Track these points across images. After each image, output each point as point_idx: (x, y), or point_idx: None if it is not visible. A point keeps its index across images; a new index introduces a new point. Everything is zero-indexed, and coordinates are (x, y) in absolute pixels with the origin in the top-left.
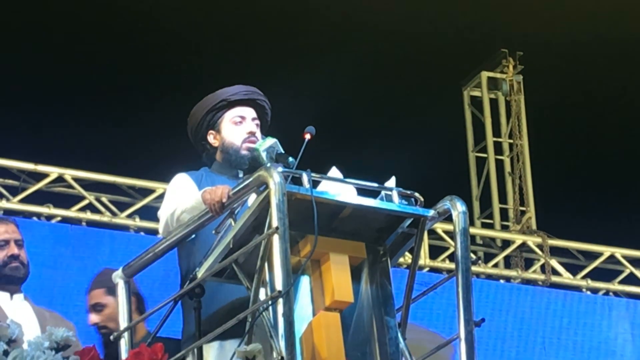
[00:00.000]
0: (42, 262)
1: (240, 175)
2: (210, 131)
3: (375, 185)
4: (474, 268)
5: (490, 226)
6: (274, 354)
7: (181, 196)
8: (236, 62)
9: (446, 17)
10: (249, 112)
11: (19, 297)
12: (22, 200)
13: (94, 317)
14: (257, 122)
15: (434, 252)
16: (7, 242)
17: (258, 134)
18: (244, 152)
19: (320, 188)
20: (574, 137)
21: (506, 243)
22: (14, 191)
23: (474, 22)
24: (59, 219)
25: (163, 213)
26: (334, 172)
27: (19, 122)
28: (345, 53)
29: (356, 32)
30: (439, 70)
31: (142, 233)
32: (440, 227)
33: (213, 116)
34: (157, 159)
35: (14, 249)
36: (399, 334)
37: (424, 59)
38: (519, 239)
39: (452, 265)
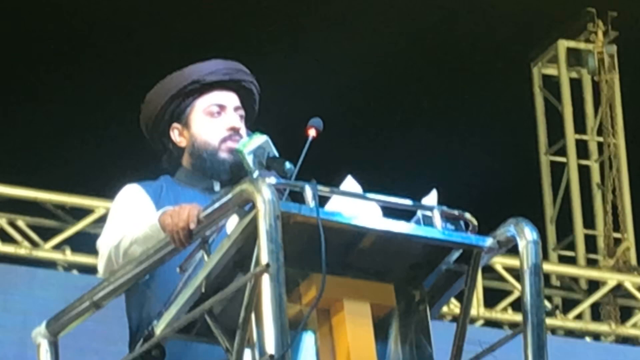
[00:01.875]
0: None
1: (217, 187)
2: (175, 125)
3: (409, 202)
4: (548, 320)
5: (571, 261)
6: None
7: (131, 219)
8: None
9: None
10: (231, 99)
11: None
12: None
13: None
14: (242, 112)
15: (492, 299)
16: None
17: (243, 130)
18: (223, 155)
19: (330, 207)
20: None
21: (594, 285)
22: None
23: None
24: None
25: (104, 243)
26: (350, 183)
27: None
28: (370, 19)
29: None
30: (498, 40)
31: (74, 272)
32: (500, 262)
33: (179, 104)
34: (96, 168)
35: None
36: None
37: (477, 25)
38: (612, 278)
39: (518, 317)
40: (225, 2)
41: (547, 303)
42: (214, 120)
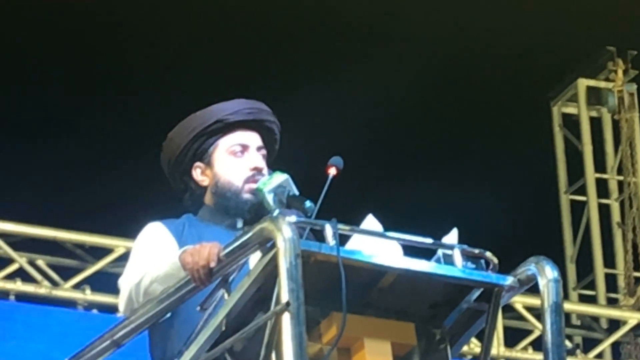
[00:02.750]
0: None
1: (239, 225)
2: (198, 164)
3: (430, 241)
4: (569, 359)
5: (591, 300)
6: None
7: (153, 257)
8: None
9: (528, 6)
10: (253, 139)
11: None
12: None
13: None
14: (264, 152)
15: (512, 338)
16: None
17: (265, 169)
18: (246, 195)
19: (350, 245)
20: None
21: (615, 324)
22: None
23: (568, 12)
24: None
25: (125, 282)
26: (371, 222)
27: None
28: (390, 57)
29: (405, 29)
30: (518, 79)
31: (94, 311)
32: (520, 301)
33: (202, 143)
34: (116, 207)
35: None
36: None
37: (496, 64)
38: (633, 318)
39: (539, 356)
40: (244, 41)
41: (567, 342)
42: (237, 160)
